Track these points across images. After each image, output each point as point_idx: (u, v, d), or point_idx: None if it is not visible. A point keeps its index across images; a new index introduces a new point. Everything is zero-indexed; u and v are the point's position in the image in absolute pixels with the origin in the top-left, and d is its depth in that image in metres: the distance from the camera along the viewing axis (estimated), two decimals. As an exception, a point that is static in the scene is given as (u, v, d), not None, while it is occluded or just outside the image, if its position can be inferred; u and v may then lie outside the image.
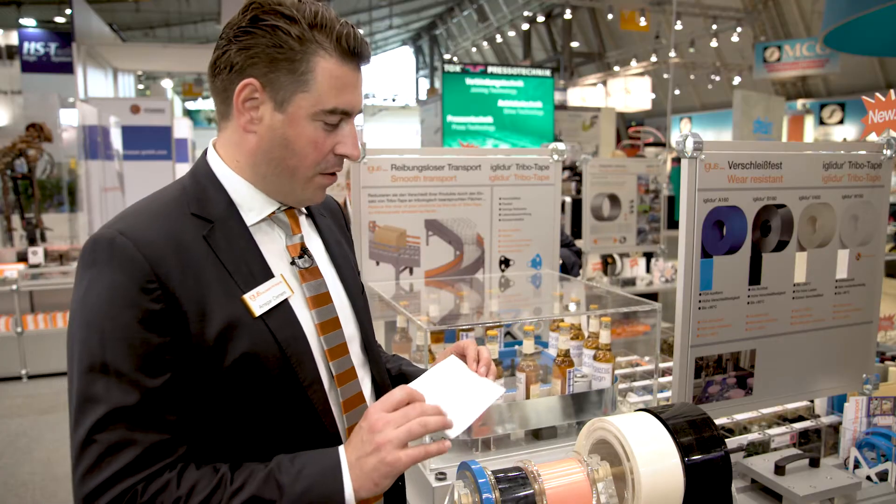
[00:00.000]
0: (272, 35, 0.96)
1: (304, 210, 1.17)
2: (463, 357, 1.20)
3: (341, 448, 0.96)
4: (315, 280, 1.09)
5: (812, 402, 1.82)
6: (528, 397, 1.74)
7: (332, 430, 1.05)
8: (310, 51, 0.97)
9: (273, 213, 1.08)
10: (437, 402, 1.00)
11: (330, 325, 1.08)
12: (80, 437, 0.87)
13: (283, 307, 1.02)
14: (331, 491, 0.91)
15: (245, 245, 1.03)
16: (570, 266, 2.95)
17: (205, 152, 1.09)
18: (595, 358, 1.82)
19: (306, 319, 1.05)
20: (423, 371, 1.31)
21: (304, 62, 0.97)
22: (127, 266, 0.91)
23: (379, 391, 1.19)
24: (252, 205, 1.06)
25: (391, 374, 1.35)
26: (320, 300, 1.08)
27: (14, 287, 5.21)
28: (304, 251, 1.09)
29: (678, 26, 15.47)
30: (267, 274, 1.02)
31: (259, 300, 0.99)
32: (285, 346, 0.99)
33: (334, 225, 1.26)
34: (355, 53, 1.01)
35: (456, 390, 1.08)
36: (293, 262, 1.07)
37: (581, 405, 1.77)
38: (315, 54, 0.98)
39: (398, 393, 0.96)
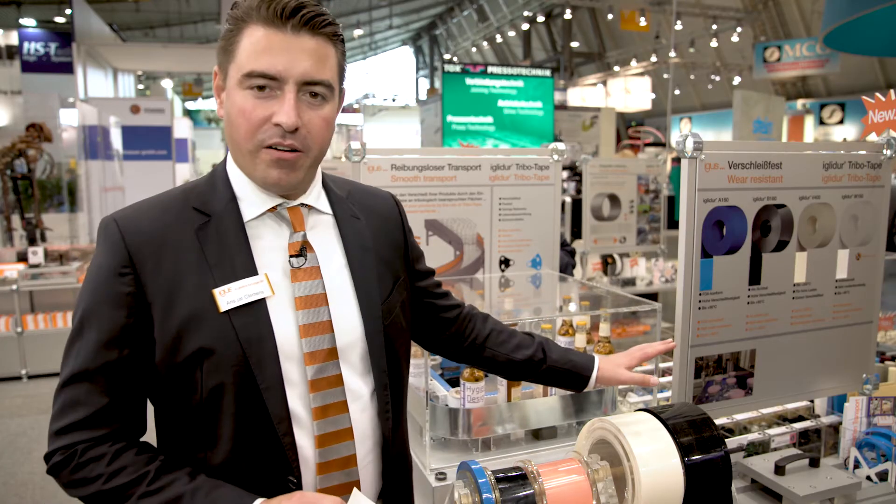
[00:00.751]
0: (225, 28, 1.03)
1: (328, 211, 1.15)
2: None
3: (257, 502, 0.96)
4: (310, 281, 1.07)
5: (812, 402, 1.82)
6: (509, 399, 1.73)
7: (287, 437, 1.02)
8: (242, 26, 1.00)
9: (275, 208, 1.08)
10: None
11: (316, 329, 1.05)
12: (58, 386, 1.00)
13: (256, 306, 1.01)
14: None
15: (234, 241, 1.04)
16: (564, 266, 2.95)
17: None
18: (596, 351, 1.83)
19: (287, 320, 1.04)
20: (557, 355, 1.38)
21: (236, 37, 1.01)
22: (111, 250, 1.00)
23: (378, 406, 1.13)
24: (252, 199, 1.07)
25: (498, 360, 1.37)
26: (310, 301, 1.06)
27: (14, 287, 5.21)
28: (302, 251, 1.08)
29: (678, 26, 15.48)
30: (249, 271, 1.03)
31: (229, 296, 1.00)
32: (246, 346, 0.99)
33: (372, 228, 1.19)
34: (283, 17, 0.98)
35: None
36: (288, 261, 1.07)
37: (581, 405, 1.77)
38: (245, 27, 1.00)
39: (332, 501, 0.95)
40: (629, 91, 18.54)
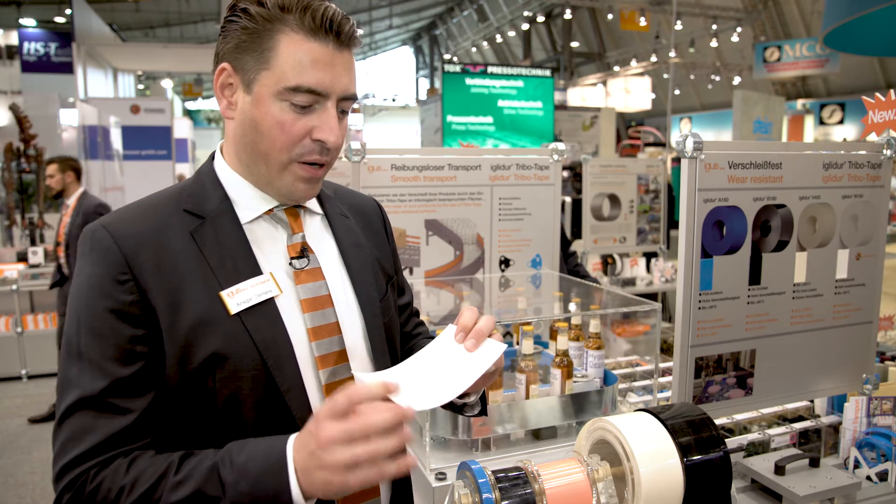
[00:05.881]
0: (242, 18, 0.96)
1: (319, 211, 1.13)
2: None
3: (290, 442, 0.85)
4: (314, 282, 1.04)
5: (812, 402, 1.82)
6: (527, 397, 1.74)
7: None
8: (274, 29, 0.95)
9: (271, 210, 1.05)
10: (416, 383, 0.92)
11: (324, 331, 1.03)
12: (56, 421, 0.90)
13: (266, 306, 0.97)
14: (275, 491, 0.83)
15: (234, 242, 1.00)
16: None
17: (213, 152, 1.10)
18: (587, 346, 1.89)
19: (297, 322, 1.01)
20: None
21: (267, 40, 0.95)
22: (103, 257, 0.93)
23: None
24: (248, 202, 1.03)
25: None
26: (316, 303, 1.03)
27: (14, 287, 5.21)
28: (303, 252, 1.05)
29: (678, 26, 15.47)
30: (254, 271, 0.99)
31: (237, 297, 0.96)
32: (262, 348, 0.95)
33: (360, 227, 1.19)
34: (329, 30, 0.95)
35: (447, 363, 0.98)
36: (290, 263, 1.04)
37: (581, 405, 1.77)
38: (279, 31, 0.95)
39: (340, 399, 0.82)
40: (629, 91, 18.54)
